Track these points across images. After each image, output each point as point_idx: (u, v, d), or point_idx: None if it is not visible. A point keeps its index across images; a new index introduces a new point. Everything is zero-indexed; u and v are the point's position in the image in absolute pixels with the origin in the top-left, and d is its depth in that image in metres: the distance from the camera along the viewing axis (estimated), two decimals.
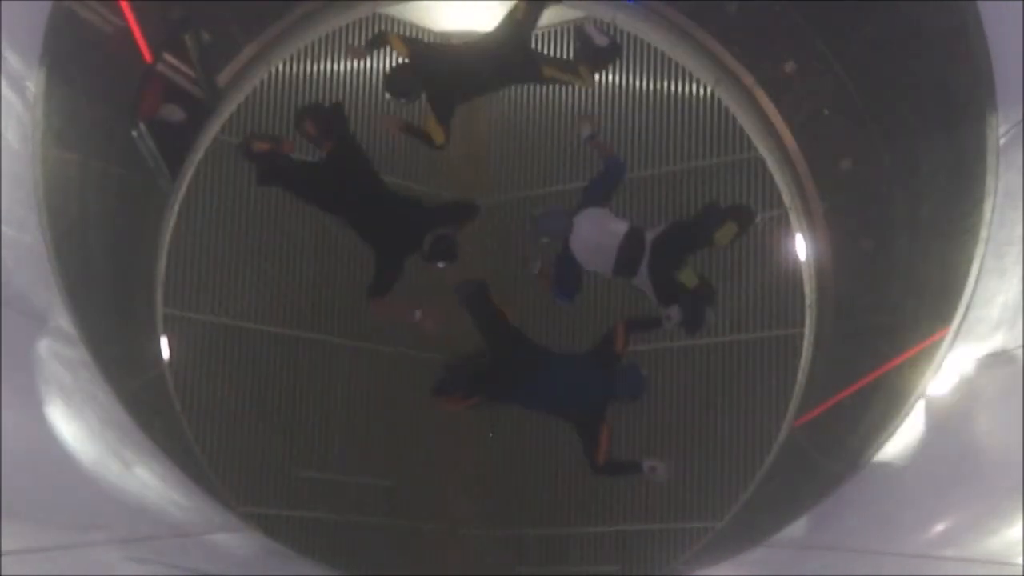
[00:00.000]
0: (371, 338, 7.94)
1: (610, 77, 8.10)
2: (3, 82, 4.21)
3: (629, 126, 8.09)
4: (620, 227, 6.12)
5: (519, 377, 6.19)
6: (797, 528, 4.78)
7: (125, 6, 5.75)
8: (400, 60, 6.43)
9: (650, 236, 6.08)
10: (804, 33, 6.83)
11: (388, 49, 6.66)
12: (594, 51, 6.74)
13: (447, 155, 8.00)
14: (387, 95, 6.44)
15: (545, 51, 7.93)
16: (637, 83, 8.06)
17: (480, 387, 6.28)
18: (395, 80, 6.32)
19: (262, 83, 7.62)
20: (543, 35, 8.27)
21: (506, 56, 6.46)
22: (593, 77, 6.76)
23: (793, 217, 7.33)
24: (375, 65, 7.91)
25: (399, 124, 6.65)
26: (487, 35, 6.52)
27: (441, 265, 6.29)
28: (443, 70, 6.35)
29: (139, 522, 3.96)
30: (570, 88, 8.20)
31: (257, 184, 6.63)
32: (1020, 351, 3.77)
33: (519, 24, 6.44)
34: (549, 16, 8.14)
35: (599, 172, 6.46)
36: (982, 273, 4.43)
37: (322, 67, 7.87)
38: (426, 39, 6.93)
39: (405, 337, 7.89)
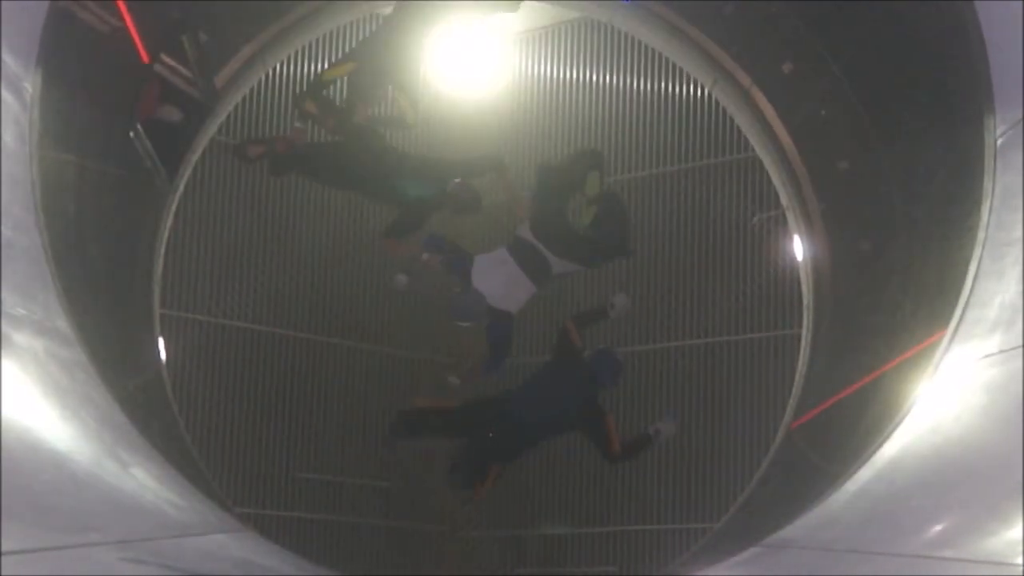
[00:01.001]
0: (370, 338, 7.95)
1: (608, 77, 8.11)
2: (1, 83, 4.21)
3: (627, 126, 8.09)
4: (501, 252, 6.17)
5: (505, 432, 6.18)
6: (795, 529, 4.78)
7: (122, 7, 5.74)
8: (349, 76, 6.53)
9: (524, 232, 6.13)
10: (801, 33, 6.82)
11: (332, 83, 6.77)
12: None
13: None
14: (356, 102, 6.59)
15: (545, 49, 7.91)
16: (634, 83, 8.07)
17: (487, 463, 6.28)
18: (357, 87, 6.49)
19: (259, 84, 7.63)
20: (543, 35, 8.28)
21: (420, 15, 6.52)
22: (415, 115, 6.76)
23: (791, 218, 7.34)
24: None
25: (365, 111, 6.74)
26: (399, 7, 6.62)
27: (472, 215, 6.49)
28: (386, 53, 6.45)
29: (136, 523, 3.96)
30: (569, 87, 8.21)
31: (271, 174, 6.73)
32: (1018, 352, 3.77)
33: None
34: (549, 16, 8.17)
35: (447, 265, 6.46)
36: (980, 274, 4.43)
37: (319, 68, 7.87)
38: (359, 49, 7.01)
39: (405, 337, 7.90)
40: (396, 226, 6.49)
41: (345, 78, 6.62)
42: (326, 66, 6.95)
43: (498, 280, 6.14)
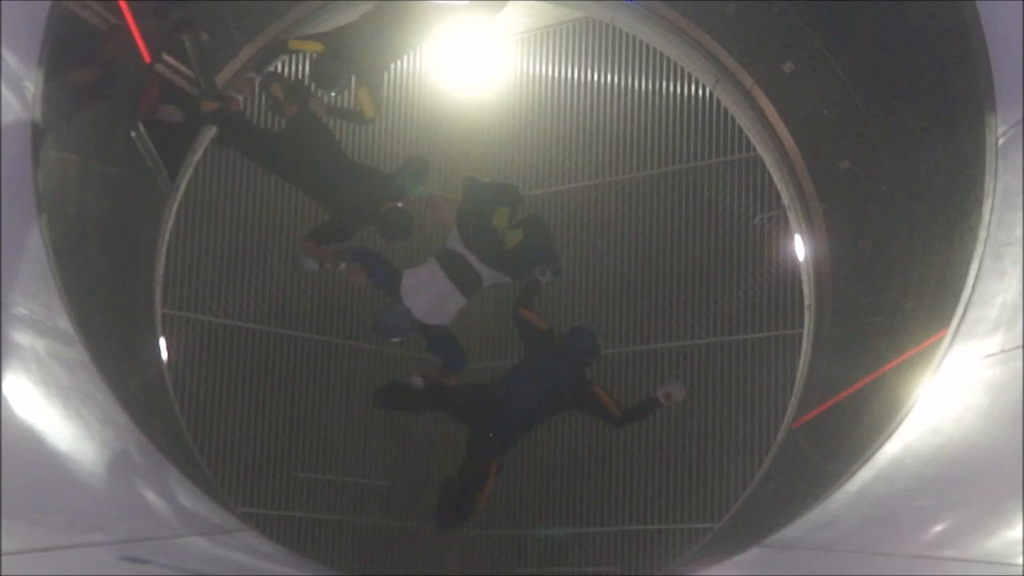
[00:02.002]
0: (370, 338, 7.95)
1: (610, 77, 8.11)
2: (2, 83, 4.21)
3: (628, 126, 8.10)
4: (432, 266, 6.12)
5: (498, 417, 6.15)
6: (796, 529, 4.78)
7: (124, 7, 5.74)
8: (318, 54, 6.49)
9: (454, 243, 6.09)
10: (803, 33, 6.82)
11: (298, 54, 6.73)
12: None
13: (444, 157, 8.02)
14: (317, 88, 6.54)
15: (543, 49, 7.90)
16: (636, 83, 8.07)
17: (484, 457, 6.24)
18: (320, 71, 6.39)
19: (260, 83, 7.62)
20: (544, 34, 8.28)
21: (404, 17, 6.53)
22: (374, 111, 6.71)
23: (792, 217, 7.34)
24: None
25: (323, 107, 6.71)
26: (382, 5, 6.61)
27: (401, 240, 6.39)
28: (360, 45, 6.43)
29: (138, 522, 3.96)
30: (570, 87, 8.21)
31: (218, 144, 6.74)
32: (1019, 351, 3.77)
33: None
34: (550, 16, 8.17)
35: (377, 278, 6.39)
36: (981, 273, 4.43)
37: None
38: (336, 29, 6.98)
39: (404, 339, 7.89)
40: (321, 231, 6.36)
41: (310, 56, 6.54)
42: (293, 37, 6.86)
43: (427, 295, 6.06)
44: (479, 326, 8.07)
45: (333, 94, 6.62)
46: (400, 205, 6.28)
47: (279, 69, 7.08)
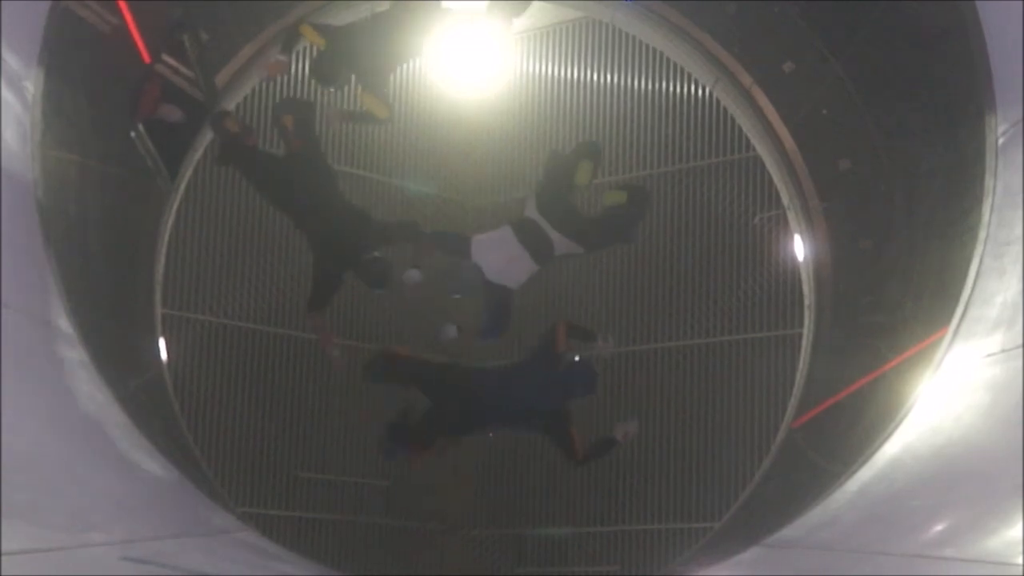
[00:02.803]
0: (371, 338, 7.95)
1: (610, 77, 8.11)
2: (2, 82, 4.21)
3: (628, 126, 8.10)
4: (505, 231, 6.16)
5: (468, 406, 6.15)
6: (796, 528, 4.78)
7: (123, 6, 5.74)
8: (319, 49, 6.48)
9: (530, 211, 6.13)
10: (803, 33, 6.82)
11: (308, 44, 6.73)
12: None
13: (445, 157, 8.02)
14: (317, 83, 6.57)
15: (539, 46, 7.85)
16: (636, 83, 8.07)
17: (435, 432, 6.24)
18: (320, 67, 6.39)
19: (260, 83, 7.62)
20: (544, 34, 8.28)
21: (412, 20, 6.49)
22: (387, 110, 6.68)
23: (792, 217, 7.34)
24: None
25: (339, 115, 6.82)
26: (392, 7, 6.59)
27: (380, 289, 6.44)
28: (362, 46, 6.39)
29: (138, 523, 3.96)
30: (570, 87, 8.22)
31: (216, 162, 6.77)
32: (1019, 351, 3.77)
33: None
34: (550, 15, 8.17)
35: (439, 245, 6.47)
36: (981, 273, 4.43)
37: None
38: (338, 23, 6.97)
39: (407, 336, 7.90)
40: (314, 295, 6.42)
41: (313, 49, 6.53)
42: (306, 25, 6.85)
43: (498, 255, 6.12)
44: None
45: (332, 89, 6.62)
46: (378, 255, 6.34)
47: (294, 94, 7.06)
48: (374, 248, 6.37)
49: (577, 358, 6.20)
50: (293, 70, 7.75)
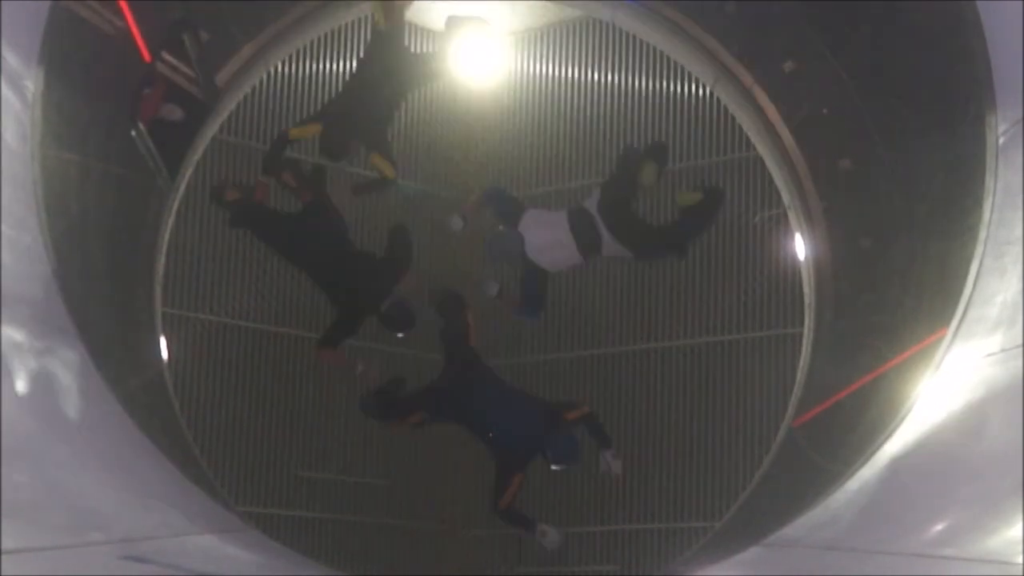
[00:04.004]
0: (371, 337, 7.94)
1: (610, 76, 8.11)
2: (2, 81, 4.21)
3: (628, 125, 8.09)
4: (560, 215, 6.17)
5: (465, 398, 6.16)
6: (796, 527, 4.78)
7: (124, 6, 5.74)
8: (317, 137, 6.57)
9: (592, 204, 6.11)
10: (803, 32, 6.82)
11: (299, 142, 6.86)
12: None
13: (445, 156, 8.02)
14: (330, 160, 6.69)
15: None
16: (636, 82, 8.06)
17: (419, 403, 6.27)
18: (328, 146, 6.52)
19: (261, 83, 7.62)
20: (544, 33, 8.28)
21: (388, 72, 6.60)
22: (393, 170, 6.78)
23: (792, 216, 7.33)
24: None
25: (355, 189, 6.93)
26: (363, 61, 6.69)
27: (400, 335, 6.62)
28: (355, 111, 6.52)
29: (138, 522, 3.96)
30: (570, 86, 8.22)
31: (230, 226, 6.89)
32: (1019, 350, 3.77)
33: (386, 33, 6.56)
34: (550, 15, 8.16)
35: (492, 206, 6.56)
36: (981, 272, 4.43)
37: (320, 67, 7.87)
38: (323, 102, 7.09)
39: (405, 337, 7.89)
40: (329, 336, 6.52)
41: (315, 139, 6.63)
42: (290, 125, 6.96)
43: (545, 235, 6.11)
44: (499, 323, 8.06)
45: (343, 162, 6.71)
46: (399, 300, 6.43)
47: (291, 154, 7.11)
48: (392, 291, 6.45)
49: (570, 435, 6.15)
50: (304, 71, 7.76)
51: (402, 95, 6.89)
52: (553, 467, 6.15)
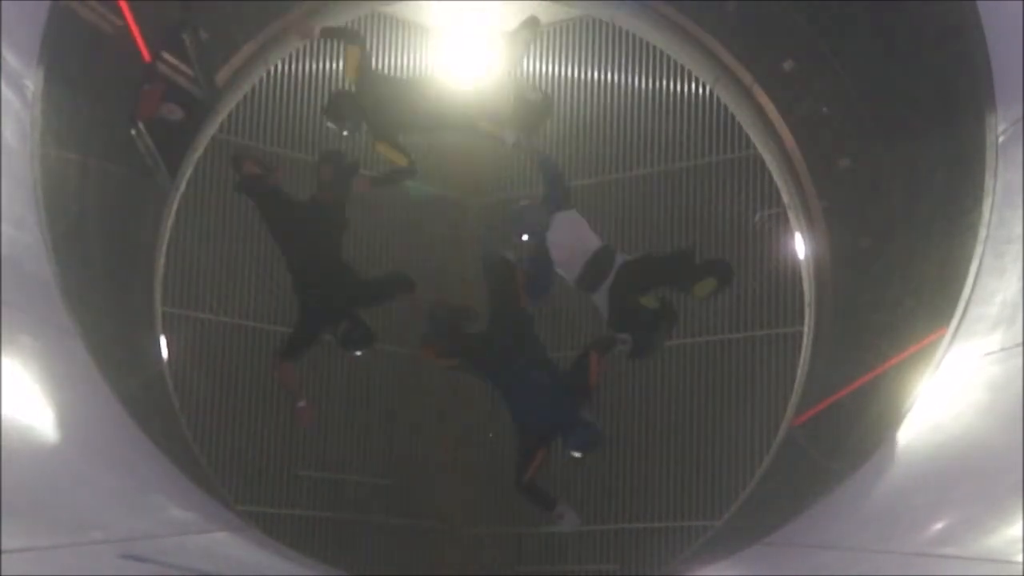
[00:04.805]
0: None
1: (610, 75, 8.11)
2: (2, 81, 4.21)
3: (628, 124, 8.10)
4: (594, 242, 6.16)
5: (507, 360, 6.14)
6: (796, 527, 4.78)
7: (124, 6, 5.74)
8: (345, 87, 6.52)
9: (620, 260, 6.08)
10: (803, 31, 6.82)
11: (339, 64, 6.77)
12: (526, 106, 6.72)
13: (445, 156, 8.03)
14: (328, 123, 6.60)
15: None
16: (636, 81, 8.07)
17: (462, 349, 6.25)
18: (335, 107, 6.43)
19: (261, 82, 7.63)
20: (545, 33, 8.27)
21: (447, 103, 6.62)
22: (520, 134, 6.73)
23: (792, 215, 7.34)
24: (377, 63, 7.93)
25: (375, 181, 6.86)
26: (435, 80, 6.66)
27: (357, 353, 6.59)
28: (385, 102, 6.48)
29: (138, 521, 3.96)
30: (571, 85, 8.22)
31: (235, 190, 6.80)
32: (1019, 349, 3.77)
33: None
34: (550, 14, 8.16)
35: (543, 175, 6.51)
36: (981, 271, 4.43)
37: (320, 66, 7.89)
38: (377, 68, 6.99)
39: (406, 337, 7.89)
40: (290, 346, 6.45)
41: (349, 86, 6.60)
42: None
43: (568, 239, 6.12)
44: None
45: (341, 131, 6.65)
46: (363, 324, 6.45)
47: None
48: (362, 308, 6.46)
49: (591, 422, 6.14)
50: (304, 71, 7.76)
51: (436, 128, 6.81)
52: (572, 453, 6.14)
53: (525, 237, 6.30)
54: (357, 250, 7.90)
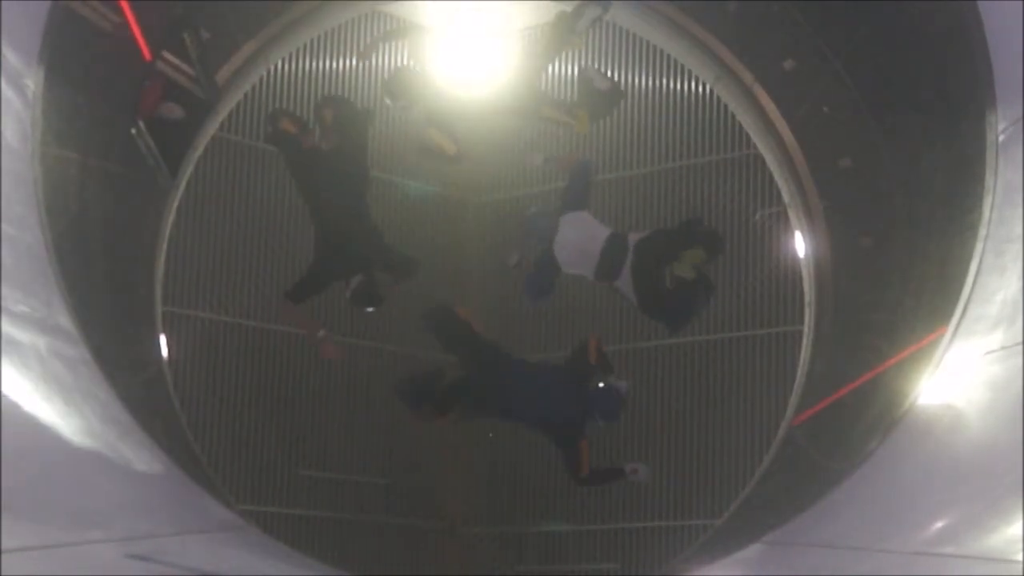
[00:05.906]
0: (371, 335, 7.95)
1: (610, 75, 8.10)
2: (2, 80, 4.21)
3: (629, 123, 8.10)
4: (602, 232, 6.15)
5: (495, 389, 6.16)
6: (796, 526, 4.78)
7: (124, 5, 5.74)
8: (404, 63, 6.51)
9: (633, 239, 6.07)
10: (803, 31, 6.82)
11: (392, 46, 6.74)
12: (596, 95, 6.74)
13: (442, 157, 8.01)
14: (385, 98, 6.56)
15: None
16: (637, 80, 8.07)
17: (455, 401, 6.25)
18: (397, 82, 6.45)
19: (261, 81, 7.63)
20: (541, 33, 8.27)
21: (511, 91, 6.67)
22: (588, 122, 6.78)
23: (792, 215, 7.34)
24: (375, 63, 7.93)
25: (419, 152, 6.88)
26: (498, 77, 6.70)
27: (369, 309, 6.47)
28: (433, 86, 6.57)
29: (139, 520, 3.96)
30: (571, 85, 8.20)
31: (264, 140, 6.87)
32: (1019, 348, 3.77)
33: (532, 60, 6.51)
34: (551, 13, 8.14)
35: (571, 176, 6.50)
36: (981, 270, 4.43)
37: (321, 64, 7.88)
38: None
39: (406, 336, 7.89)
40: (297, 289, 6.36)
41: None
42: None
43: (577, 237, 6.11)
44: (500, 323, 8.06)
45: (396, 104, 6.68)
46: (367, 279, 6.33)
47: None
48: (375, 268, 6.37)
49: (604, 384, 6.15)
50: (304, 69, 7.77)
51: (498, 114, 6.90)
52: (600, 423, 6.12)
53: (533, 240, 6.34)
54: None
